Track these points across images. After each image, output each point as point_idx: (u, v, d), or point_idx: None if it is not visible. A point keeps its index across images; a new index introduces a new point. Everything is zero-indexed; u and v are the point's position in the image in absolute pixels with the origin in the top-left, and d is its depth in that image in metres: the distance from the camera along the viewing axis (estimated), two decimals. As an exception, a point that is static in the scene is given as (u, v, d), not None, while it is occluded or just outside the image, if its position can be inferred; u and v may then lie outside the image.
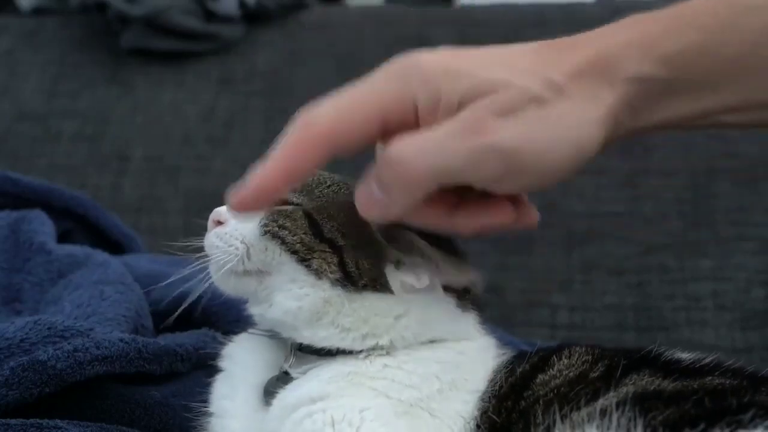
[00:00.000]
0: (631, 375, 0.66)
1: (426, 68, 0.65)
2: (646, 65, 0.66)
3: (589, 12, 1.64)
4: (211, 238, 0.73)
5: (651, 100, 0.67)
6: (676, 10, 0.68)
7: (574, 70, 0.66)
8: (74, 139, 1.62)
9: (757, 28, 0.66)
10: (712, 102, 0.67)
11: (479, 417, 0.68)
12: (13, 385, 0.74)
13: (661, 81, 0.66)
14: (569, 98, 0.65)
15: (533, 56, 0.67)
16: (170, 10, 1.62)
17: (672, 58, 0.67)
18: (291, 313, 0.71)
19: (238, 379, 0.74)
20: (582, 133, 0.65)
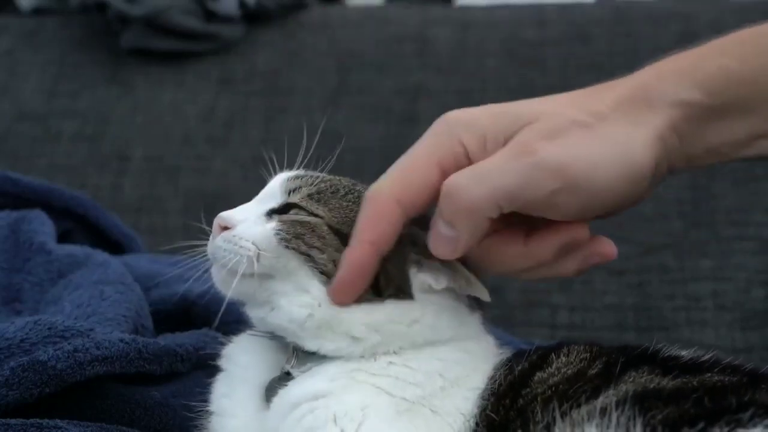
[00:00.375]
0: (629, 372, 0.66)
1: (467, 116, 0.69)
2: (685, 90, 0.69)
3: (589, 12, 1.64)
4: (217, 242, 0.71)
5: (694, 124, 0.69)
6: (712, 43, 0.72)
7: (615, 100, 0.69)
8: (74, 139, 1.62)
9: None
10: (754, 126, 0.69)
11: (478, 415, 0.68)
12: (13, 385, 0.74)
13: (700, 105, 0.69)
14: (613, 123, 0.67)
15: (570, 97, 0.71)
16: (170, 10, 1.62)
17: (708, 83, 0.69)
18: (297, 321, 0.70)
19: (238, 379, 0.74)
20: (629, 150, 0.66)
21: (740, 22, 1.62)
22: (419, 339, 0.70)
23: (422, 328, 0.70)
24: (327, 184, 0.73)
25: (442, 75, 1.60)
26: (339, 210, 0.71)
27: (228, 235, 0.71)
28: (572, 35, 1.59)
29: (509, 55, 1.59)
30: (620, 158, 0.66)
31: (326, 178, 0.73)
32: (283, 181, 0.74)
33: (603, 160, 0.66)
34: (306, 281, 0.69)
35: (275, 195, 0.73)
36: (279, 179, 0.75)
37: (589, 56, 1.56)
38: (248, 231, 0.71)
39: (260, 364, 0.74)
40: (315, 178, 0.74)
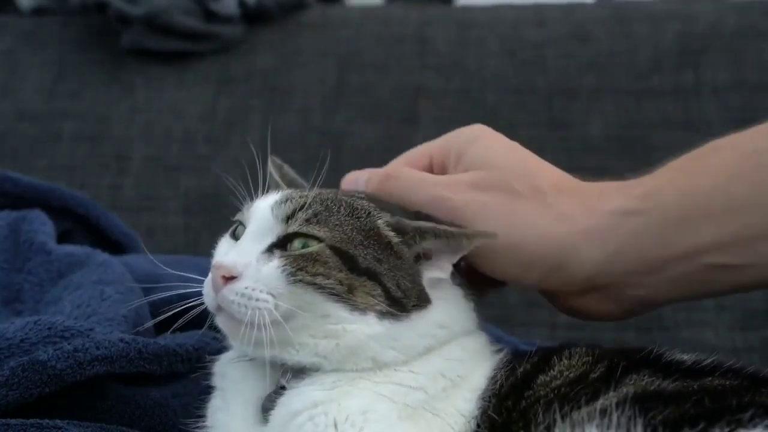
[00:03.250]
0: (630, 375, 0.66)
1: (477, 133, 0.79)
2: (624, 200, 0.73)
3: (589, 12, 1.64)
4: (227, 296, 0.67)
5: (637, 236, 0.71)
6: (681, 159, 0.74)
7: (564, 188, 0.75)
8: (74, 139, 1.62)
9: (726, 167, 0.70)
10: (695, 239, 0.70)
11: (479, 416, 0.68)
12: (13, 385, 0.74)
13: (639, 213, 0.71)
14: (545, 206, 0.73)
15: (550, 171, 0.77)
16: (170, 10, 1.62)
17: (649, 193, 0.72)
18: (324, 353, 0.68)
19: (232, 395, 0.73)
20: (532, 236, 0.72)
21: (740, 22, 1.63)
22: (442, 339, 0.71)
23: (445, 329, 0.71)
24: (319, 204, 0.70)
25: (442, 75, 1.59)
26: (339, 228, 0.69)
27: (239, 289, 0.67)
28: (572, 35, 1.59)
29: (509, 55, 1.59)
30: (517, 237, 0.72)
31: (315, 198, 0.71)
32: (272, 208, 0.71)
33: (500, 228, 0.71)
34: (325, 307, 0.68)
35: (270, 225, 0.70)
36: (266, 206, 0.71)
37: (589, 56, 1.56)
38: (259, 280, 0.67)
39: (253, 379, 0.73)
40: (304, 199, 0.71)
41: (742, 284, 0.73)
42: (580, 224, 0.72)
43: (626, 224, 0.72)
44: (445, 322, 0.71)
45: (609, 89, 1.53)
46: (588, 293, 0.75)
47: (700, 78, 1.51)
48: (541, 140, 1.49)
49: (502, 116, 1.53)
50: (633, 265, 0.72)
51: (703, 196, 0.70)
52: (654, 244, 0.71)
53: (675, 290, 0.73)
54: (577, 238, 0.72)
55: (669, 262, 0.71)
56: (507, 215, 0.73)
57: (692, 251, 0.70)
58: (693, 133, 1.44)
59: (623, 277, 0.73)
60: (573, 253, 0.72)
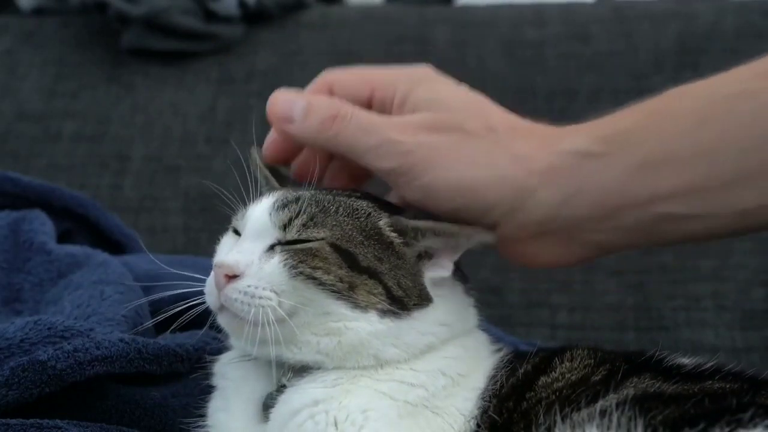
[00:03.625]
0: (631, 378, 0.66)
1: (422, 75, 0.75)
2: (586, 141, 0.71)
3: (589, 12, 1.64)
4: (231, 295, 0.68)
5: (596, 179, 0.69)
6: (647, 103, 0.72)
7: (519, 129, 0.73)
8: (74, 139, 1.62)
9: (694, 112, 0.69)
10: (655, 186, 0.68)
11: (479, 416, 0.68)
12: (13, 385, 0.74)
13: (600, 156, 0.69)
14: (500, 146, 0.71)
15: (502, 113, 0.74)
16: (170, 10, 1.62)
17: (613, 135, 0.70)
18: (325, 351, 0.68)
19: (233, 394, 0.73)
20: (488, 178, 0.70)
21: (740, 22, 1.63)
22: (444, 337, 0.71)
23: (447, 327, 0.71)
24: (314, 206, 0.70)
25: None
26: (338, 227, 0.69)
27: (242, 287, 0.67)
28: (572, 35, 1.59)
29: (509, 55, 1.59)
30: (466, 178, 0.70)
31: (311, 200, 0.71)
32: (269, 213, 0.71)
33: (447, 170, 0.70)
34: (326, 303, 0.68)
35: (268, 231, 0.70)
36: (263, 212, 0.71)
37: (589, 56, 1.56)
38: (262, 278, 0.67)
39: (253, 378, 0.73)
40: (300, 204, 0.70)
41: (692, 234, 0.71)
42: (537, 164, 0.70)
43: (586, 166, 0.69)
44: (446, 320, 0.71)
45: (609, 89, 1.53)
46: (540, 237, 0.72)
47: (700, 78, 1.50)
48: (541, 140, 1.49)
49: (502, 116, 1.53)
50: (588, 209, 0.70)
51: (670, 141, 0.68)
52: (613, 189, 0.69)
53: (626, 237, 0.71)
54: (534, 179, 0.70)
55: (624, 209, 0.69)
56: (461, 157, 0.70)
57: (649, 199, 0.68)
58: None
59: (576, 222, 0.70)
60: (530, 195, 0.70)
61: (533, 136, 0.72)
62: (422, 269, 0.71)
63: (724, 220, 0.68)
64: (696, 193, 0.67)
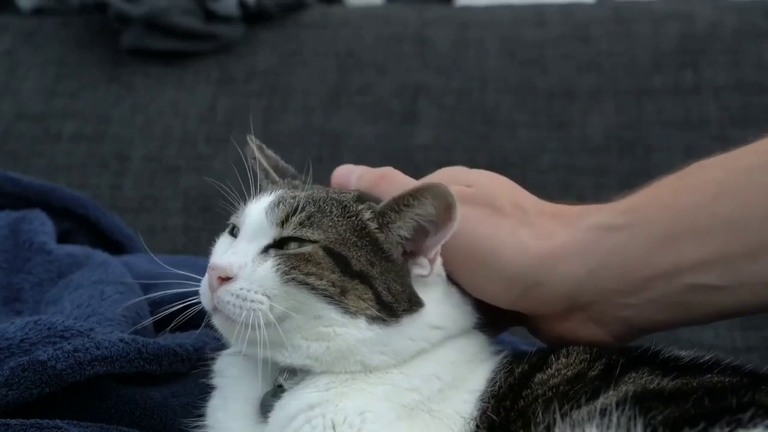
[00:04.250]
0: (630, 373, 0.66)
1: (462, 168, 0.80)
2: (608, 215, 0.72)
3: (589, 12, 1.64)
4: (224, 297, 0.68)
5: (619, 252, 0.70)
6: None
7: (546, 210, 0.75)
8: (74, 139, 1.62)
9: (713, 185, 0.70)
10: (678, 256, 0.69)
11: (479, 417, 0.68)
12: (13, 385, 0.74)
13: (622, 228, 0.71)
14: (526, 224, 0.73)
15: (533, 197, 0.77)
16: (170, 10, 1.62)
17: (634, 209, 0.72)
18: (315, 356, 0.69)
19: (231, 393, 0.73)
20: (511, 250, 0.72)
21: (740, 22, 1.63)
22: (436, 341, 0.70)
23: (440, 330, 0.71)
24: (312, 205, 0.70)
25: (441, 75, 1.59)
26: (332, 229, 0.69)
27: (235, 290, 0.68)
28: (572, 35, 1.59)
29: (509, 55, 1.59)
30: (491, 252, 0.72)
31: (308, 199, 0.71)
32: (266, 211, 0.71)
33: (473, 241, 0.72)
34: (318, 307, 0.68)
35: (264, 229, 0.70)
36: (259, 211, 0.71)
37: (589, 56, 1.56)
38: (254, 281, 0.68)
39: (252, 377, 0.73)
40: (297, 201, 0.70)
41: (724, 308, 0.71)
42: (559, 239, 0.72)
43: (609, 239, 0.71)
44: (438, 323, 0.71)
45: (609, 89, 1.53)
46: (570, 315, 0.73)
47: (700, 78, 1.51)
48: (541, 140, 1.49)
49: (502, 116, 1.53)
50: (614, 282, 0.71)
51: (688, 213, 0.70)
52: (637, 260, 0.70)
53: (658, 312, 0.72)
54: (556, 253, 0.71)
55: (651, 280, 0.70)
56: (488, 227, 0.72)
57: (675, 269, 0.69)
58: (693, 133, 1.44)
59: (604, 296, 0.72)
60: (552, 269, 0.71)
61: (559, 215, 0.74)
62: (410, 268, 0.70)
63: (753, 290, 0.69)
64: (722, 263, 0.68)
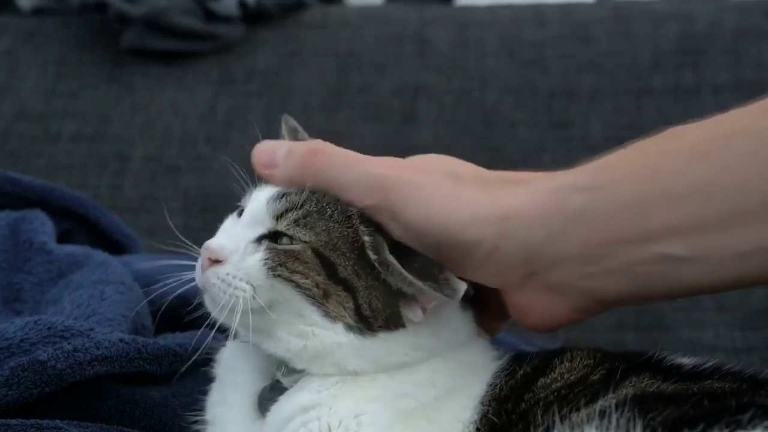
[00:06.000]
0: (630, 378, 0.65)
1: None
2: (574, 177, 0.68)
3: (589, 12, 1.64)
4: (210, 278, 0.69)
5: (584, 214, 0.66)
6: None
7: (509, 178, 0.70)
8: (74, 139, 1.62)
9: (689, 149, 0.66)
10: (647, 222, 0.65)
11: (479, 420, 0.68)
12: (13, 385, 0.74)
13: (589, 189, 0.67)
14: (486, 190, 0.68)
15: (496, 171, 0.72)
16: (170, 10, 1.62)
17: (603, 170, 0.68)
18: (294, 351, 0.69)
19: (231, 388, 0.74)
20: (469, 216, 0.67)
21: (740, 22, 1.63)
22: (418, 359, 0.69)
23: (422, 350, 0.70)
24: (313, 204, 0.70)
25: (442, 75, 1.59)
26: (325, 233, 0.69)
27: (221, 274, 0.68)
28: (572, 35, 1.59)
29: (509, 55, 1.59)
30: (448, 213, 0.67)
31: (312, 197, 0.70)
32: (267, 203, 0.71)
33: (427, 199, 0.68)
34: (301, 306, 0.68)
35: (262, 219, 0.70)
36: (262, 199, 0.71)
37: (589, 56, 1.56)
38: (241, 269, 0.68)
39: (253, 371, 0.73)
40: (299, 198, 0.70)
41: (689, 282, 0.67)
42: (517, 201, 0.67)
43: (574, 201, 0.66)
44: (421, 345, 0.69)
45: (609, 89, 1.53)
46: (527, 283, 0.69)
47: (700, 78, 1.51)
48: (541, 140, 1.49)
49: (502, 116, 1.53)
50: (576, 248, 0.67)
51: (661, 178, 0.65)
52: (602, 224, 0.66)
53: (620, 283, 0.67)
54: (512, 215, 0.67)
55: (615, 247, 0.66)
56: (444, 195, 0.68)
57: (642, 236, 0.65)
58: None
59: (564, 264, 0.67)
60: (507, 232, 0.67)
61: (522, 181, 0.70)
62: (400, 299, 0.69)
63: (724, 265, 0.65)
64: (691, 232, 0.64)
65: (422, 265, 0.68)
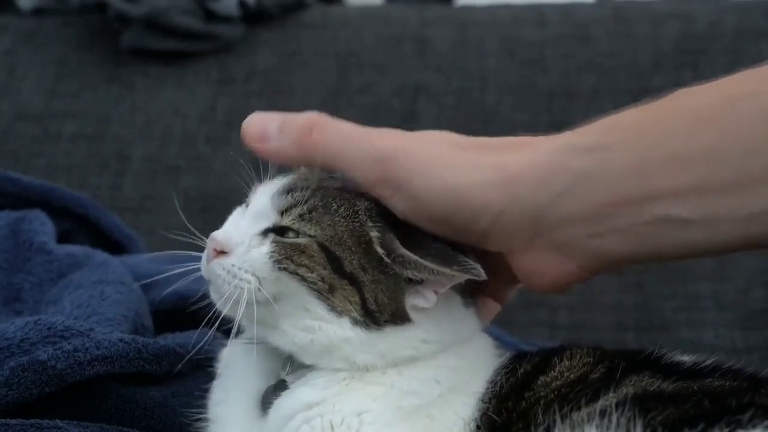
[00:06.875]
0: (631, 376, 0.65)
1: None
2: (579, 137, 0.67)
3: (589, 12, 1.64)
4: (215, 269, 0.69)
5: (589, 175, 0.66)
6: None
7: (513, 143, 0.69)
8: (74, 139, 1.62)
9: (695, 111, 0.66)
10: (650, 183, 0.65)
11: (479, 418, 0.68)
12: (13, 385, 0.74)
13: (594, 149, 0.66)
14: (489, 155, 0.68)
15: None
16: (170, 10, 1.62)
17: (608, 130, 0.67)
18: (300, 345, 0.69)
19: (234, 386, 0.74)
20: (474, 181, 0.66)
21: (740, 22, 1.63)
22: (428, 353, 0.69)
23: (431, 344, 0.69)
24: (318, 199, 0.69)
25: (442, 75, 1.60)
26: (331, 227, 0.68)
27: (227, 265, 0.68)
28: (572, 35, 1.60)
29: (509, 55, 1.59)
30: (438, 179, 0.66)
31: (316, 192, 0.70)
32: (272, 197, 0.71)
33: (422, 168, 0.67)
34: (306, 300, 0.68)
35: (267, 213, 0.70)
36: (267, 194, 0.71)
37: (589, 56, 1.56)
38: (247, 261, 0.68)
39: (256, 370, 0.73)
40: (305, 192, 0.70)
41: (694, 244, 0.66)
42: (520, 163, 0.66)
43: (579, 161, 0.66)
44: (428, 338, 0.69)
45: (609, 89, 1.53)
46: (534, 245, 0.68)
47: (700, 78, 1.48)
48: (541, 140, 1.49)
49: (502, 116, 1.53)
50: (581, 207, 0.66)
51: (666, 139, 0.65)
52: (607, 185, 0.65)
53: (626, 243, 0.66)
54: (516, 177, 0.66)
55: (620, 207, 0.65)
56: (446, 162, 0.67)
57: (646, 197, 0.65)
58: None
59: (569, 223, 0.66)
60: (512, 195, 0.66)
61: (525, 144, 0.69)
62: (405, 291, 0.69)
63: (726, 228, 0.65)
64: (695, 195, 0.64)
65: (439, 251, 0.68)
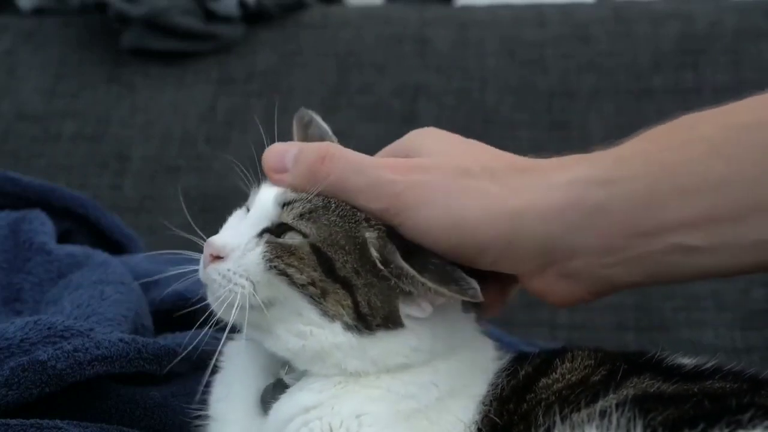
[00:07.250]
0: (631, 378, 0.65)
1: (424, 131, 0.75)
2: (591, 169, 0.68)
3: (589, 12, 1.64)
4: (211, 274, 0.69)
5: (601, 209, 0.66)
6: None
7: (518, 166, 0.69)
8: (74, 139, 1.62)
9: (704, 141, 0.66)
10: (663, 215, 0.66)
11: (480, 420, 0.68)
12: (13, 385, 0.74)
13: (605, 183, 0.66)
14: (495, 183, 0.68)
15: (504, 154, 0.72)
16: (170, 10, 1.62)
17: (620, 162, 0.67)
18: (293, 350, 0.69)
19: (234, 383, 0.74)
20: (480, 212, 0.67)
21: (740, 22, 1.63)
22: (419, 361, 0.69)
23: (422, 352, 0.69)
24: (319, 200, 0.69)
25: (441, 75, 1.59)
26: (326, 228, 0.68)
27: (222, 270, 0.69)
28: (572, 35, 1.59)
29: (509, 55, 1.59)
30: (458, 212, 0.67)
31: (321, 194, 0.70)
32: (276, 195, 0.71)
33: (437, 201, 0.67)
34: (299, 304, 0.68)
35: (268, 212, 0.71)
36: (269, 195, 0.71)
37: (589, 56, 1.56)
38: (242, 265, 0.68)
39: (257, 367, 0.73)
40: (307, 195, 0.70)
41: (704, 269, 0.67)
42: (530, 195, 0.67)
43: (590, 195, 0.66)
44: (420, 346, 0.69)
45: (609, 89, 1.53)
46: (545, 272, 0.69)
47: (700, 78, 1.51)
48: (541, 140, 1.49)
49: (502, 116, 1.53)
50: (594, 240, 0.67)
51: (676, 171, 0.65)
52: (620, 218, 0.66)
53: (637, 271, 0.68)
54: (528, 211, 0.66)
55: (633, 239, 0.66)
56: (453, 193, 0.67)
57: (658, 229, 0.65)
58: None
59: (581, 255, 0.67)
60: (522, 228, 0.67)
61: (532, 170, 0.69)
62: (400, 296, 0.68)
63: (736, 253, 0.65)
64: (706, 224, 0.65)
65: (438, 267, 0.67)
